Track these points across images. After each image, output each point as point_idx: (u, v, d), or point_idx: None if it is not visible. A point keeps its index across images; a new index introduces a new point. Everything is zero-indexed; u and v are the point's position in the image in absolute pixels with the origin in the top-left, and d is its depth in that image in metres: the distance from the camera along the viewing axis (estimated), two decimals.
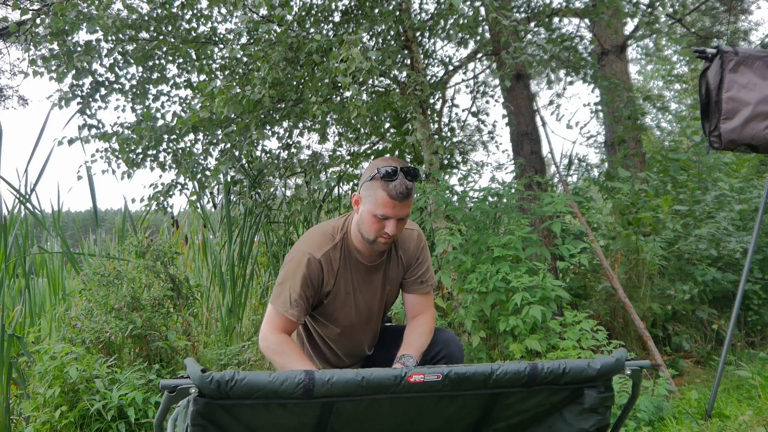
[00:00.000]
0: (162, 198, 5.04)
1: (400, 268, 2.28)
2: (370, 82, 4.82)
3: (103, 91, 4.70)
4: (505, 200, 4.25)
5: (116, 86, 4.75)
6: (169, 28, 4.56)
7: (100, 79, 4.67)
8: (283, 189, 5.84)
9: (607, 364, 1.46)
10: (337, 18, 4.81)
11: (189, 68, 4.95)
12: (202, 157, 5.05)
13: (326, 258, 2.13)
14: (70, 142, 4.59)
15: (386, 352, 2.35)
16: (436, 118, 5.57)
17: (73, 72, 4.34)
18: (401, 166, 2.00)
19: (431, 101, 5.08)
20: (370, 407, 1.43)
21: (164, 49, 4.62)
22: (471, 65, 5.89)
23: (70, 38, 4.31)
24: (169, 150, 4.92)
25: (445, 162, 5.49)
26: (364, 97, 4.66)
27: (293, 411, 1.40)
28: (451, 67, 5.61)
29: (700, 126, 3.81)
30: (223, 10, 4.77)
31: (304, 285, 2.09)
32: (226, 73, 4.82)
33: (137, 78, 4.83)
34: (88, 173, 4.79)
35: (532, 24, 4.82)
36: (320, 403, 1.39)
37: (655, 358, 3.82)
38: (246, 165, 5.31)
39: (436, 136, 4.96)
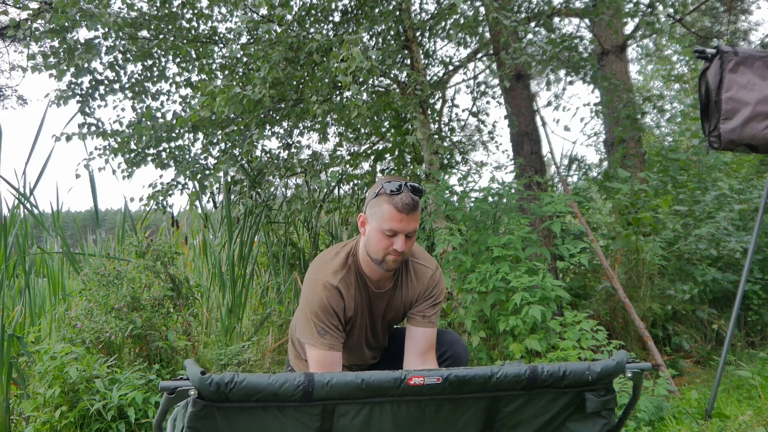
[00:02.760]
0: (161, 197, 5.04)
1: (404, 299, 2.23)
2: (370, 82, 4.82)
3: (102, 89, 4.70)
4: (505, 200, 4.25)
5: (115, 85, 4.75)
6: (169, 27, 4.56)
7: (100, 77, 4.67)
8: (283, 189, 5.84)
9: (607, 367, 1.45)
10: (337, 18, 4.81)
11: (189, 67, 4.95)
12: (202, 157, 5.05)
13: (343, 284, 2.09)
14: (68, 138, 4.58)
15: (388, 357, 2.36)
16: (436, 118, 5.57)
17: (72, 70, 4.34)
18: (405, 182, 2.00)
19: (431, 101, 5.07)
20: (370, 416, 1.43)
21: (163, 47, 4.62)
22: (471, 65, 5.90)
23: (70, 36, 4.31)
24: (169, 149, 4.92)
25: (445, 162, 5.49)
26: (365, 96, 4.66)
27: (292, 418, 1.40)
28: (451, 67, 5.61)
29: (699, 127, 3.81)
30: (224, 10, 4.77)
31: (326, 313, 2.05)
32: (226, 72, 4.82)
33: (136, 76, 4.83)
34: (90, 173, 4.79)
35: (532, 24, 4.82)
36: (320, 409, 1.39)
37: (655, 358, 3.82)
38: (246, 165, 5.31)
39: (436, 136, 4.96)
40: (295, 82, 4.56)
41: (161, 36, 4.57)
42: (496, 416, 1.51)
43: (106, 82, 4.70)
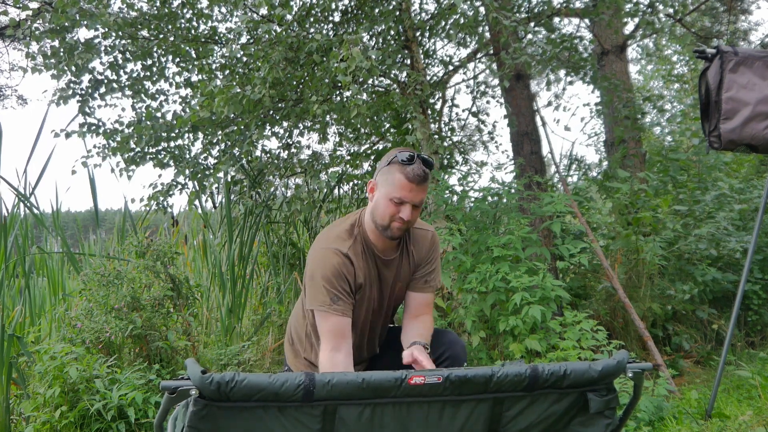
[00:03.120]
0: (162, 198, 5.04)
1: (411, 266, 2.29)
2: (370, 82, 4.82)
3: (102, 89, 4.70)
4: (504, 200, 4.25)
5: (115, 85, 4.75)
6: (169, 27, 4.56)
7: (100, 77, 4.67)
8: (283, 189, 5.84)
9: (608, 366, 1.45)
10: (337, 18, 4.81)
11: (189, 67, 4.95)
12: (202, 157, 5.05)
13: (352, 252, 2.13)
14: (68, 135, 4.58)
15: (391, 353, 2.36)
16: (436, 118, 5.57)
17: (72, 69, 4.34)
18: (418, 154, 2.06)
19: (431, 101, 5.07)
20: (372, 419, 1.42)
21: (164, 47, 4.62)
22: (471, 65, 5.89)
23: (70, 36, 4.31)
24: (169, 149, 4.92)
25: (445, 162, 5.49)
26: (364, 96, 4.66)
27: (293, 420, 1.39)
28: (451, 67, 5.61)
29: (699, 127, 3.81)
30: (224, 10, 4.77)
31: (339, 278, 2.08)
32: (226, 72, 4.81)
33: (136, 76, 4.83)
34: (89, 171, 4.79)
35: (532, 24, 4.82)
36: (321, 410, 1.38)
37: (655, 358, 3.82)
38: (246, 165, 5.31)
39: (436, 136, 4.96)
40: (295, 82, 4.55)
41: (161, 36, 4.57)
42: (500, 419, 1.50)
43: (105, 81, 4.69)
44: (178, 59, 4.82)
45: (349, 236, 2.16)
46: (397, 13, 4.59)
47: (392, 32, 4.80)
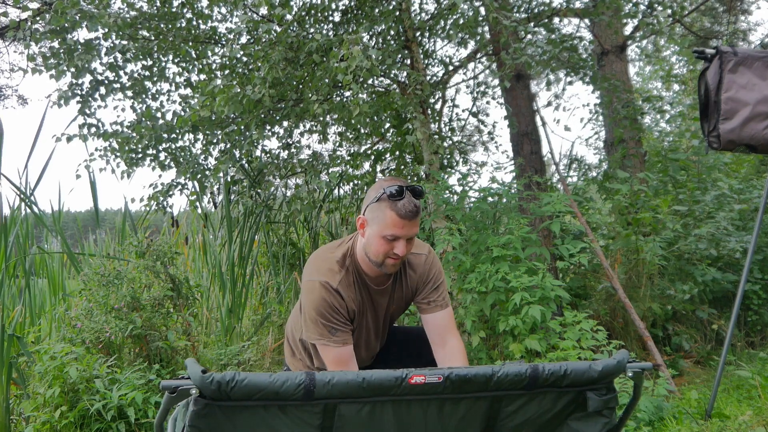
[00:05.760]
0: (162, 198, 5.03)
1: (406, 291, 2.25)
2: (371, 82, 4.82)
3: (102, 90, 4.70)
4: (504, 200, 4.26)
5: (116, 85, 4.75)
6: (169, 27, 4.56)
7: (100, 77, 4.67)
8: (283, 189, 5.84)
9: (608, 366, 1.45)
10: (337, 18, 4.81)
11: (189, 67, 4.95)
12: (202, 157, 5.05)
13: (342, 286, 2.09)
14: (69, 139, 4.58)
15: (392, 353, 2.37)
16: (436, 118, 5.57)
17: (72, 70, 4.34)
18: (406, 185, 1.99)
19: (431, 101, 5.07)
20: (372, 414, 1.42)
21: (164, 47, 4.61)
22: (471, 65, 5.89)
23: (70, 36, 4.31)
24: (169, 150, 4.92)
25: (445, 162, 5.49)
26: (364, 95, 4.66)
27: (294, 416, 1.40)
28: (451, 67, 5.61)
29: (698, 127, 3.81)
30: (223, 10, 4.77)
31: (332, 311, 2.06)
32: (226, 72, 4.81)
33: (136, 76, 4.83)
34: (90, 173, 4.79)
35: (532, 24, 4.82)
36: (321, 407, 1.39)
37: (655, 358, 3.82)
38: (246, 165, 5.31)
39: (436, 136, 4.96)
40: (295, 82, 4.55)
41: (161, 36, 4.57)
42: (497, 416, 1.51)
43: (106, 82, 4.69)
44: (178, 59, 4.81)
45: (341, 267, 2.11)
46: (397, 13, 4.59)
47: (392, 32, 4.80)
